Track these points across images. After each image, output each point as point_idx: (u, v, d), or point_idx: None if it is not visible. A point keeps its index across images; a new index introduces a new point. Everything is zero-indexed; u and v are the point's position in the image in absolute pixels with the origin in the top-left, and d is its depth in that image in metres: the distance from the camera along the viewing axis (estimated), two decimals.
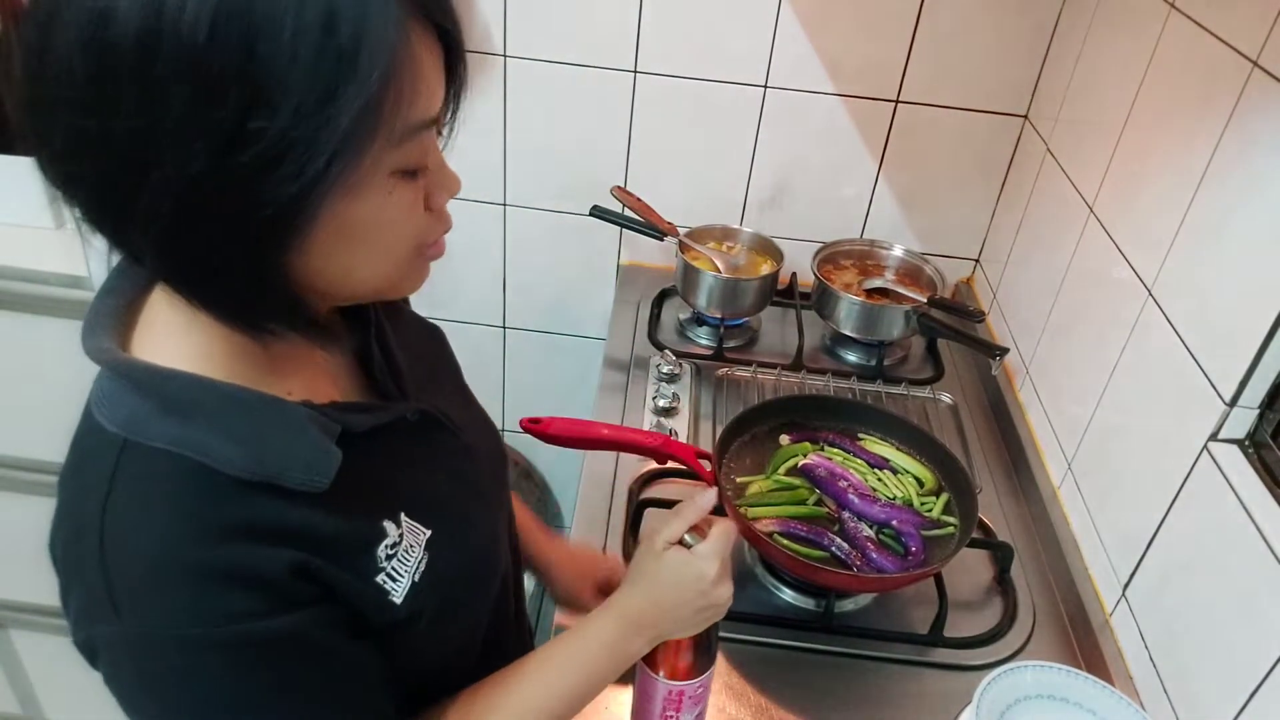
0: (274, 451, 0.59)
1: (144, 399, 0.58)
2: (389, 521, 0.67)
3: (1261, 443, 0.91)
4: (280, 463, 0.59)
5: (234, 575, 0.57)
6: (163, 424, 0.58)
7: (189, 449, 0.57)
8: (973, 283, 1.73)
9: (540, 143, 1.63)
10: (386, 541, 0.66)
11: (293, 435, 0.61)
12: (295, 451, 0.60)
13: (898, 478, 1.16)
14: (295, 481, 0.59)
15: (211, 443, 0.58)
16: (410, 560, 0.68)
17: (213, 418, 0.59)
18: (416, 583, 0.68)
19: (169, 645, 0.56)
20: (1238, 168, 0.95)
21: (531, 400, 1.93)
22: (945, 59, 1.50)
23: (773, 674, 1.03)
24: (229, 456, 0.58)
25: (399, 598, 0.66)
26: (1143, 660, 1.01)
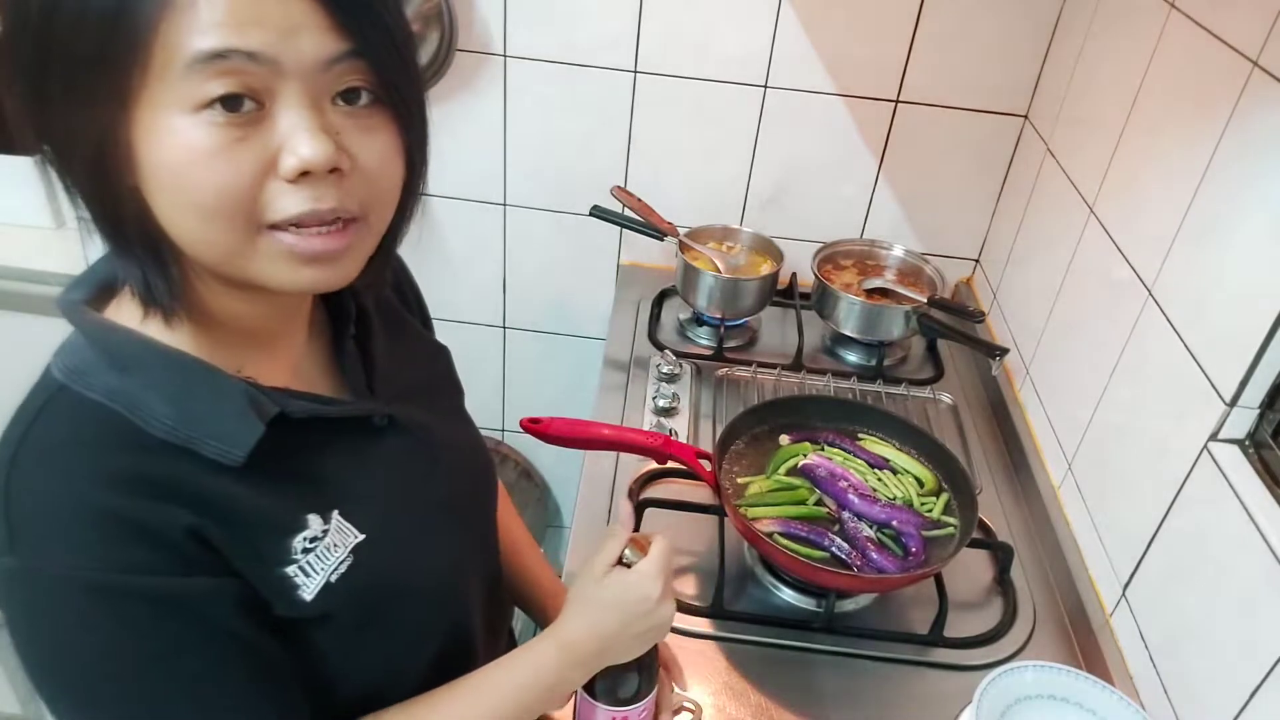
0: (198, 417, 0.60)
1: (92, 349, 0.61)
2: (315, 515, 0.66)
3: (1261, 443, 0.91)
4: (201, 428, 0.60)
5: (132, 525, 0.57)
6: (102, 376, 0.59)
7: (119, 402, 0.59)
8: (973, 283, 1.73)
9: (540, 143, 1.63)
10: (305, 533, 0.65)
11: (221, 404, 0.61)
12: (219, 420, 0.61)
13: (898, 478, 1.16)
14: (211, 450, 0.60)
15: (142, 399, 0.59)
16: (329, 559, 0.66)
17: (148, 375, 0.60)
18: (331, 583, 0.66)
19: (59, 584, 0.56)
20: (1238, 168, 0.95)
21: (531, 400, 1.93)
22: (945, 59, 1.50)
23: (773, 674, 1.03)
24: (155, 415, 0.59)
25: (308, 594, 0.64)
26: (1143, 660, 1.01)
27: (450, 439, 0.81)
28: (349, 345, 0.75)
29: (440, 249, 1.76)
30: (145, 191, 0.56)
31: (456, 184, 1.69)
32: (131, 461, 0.58)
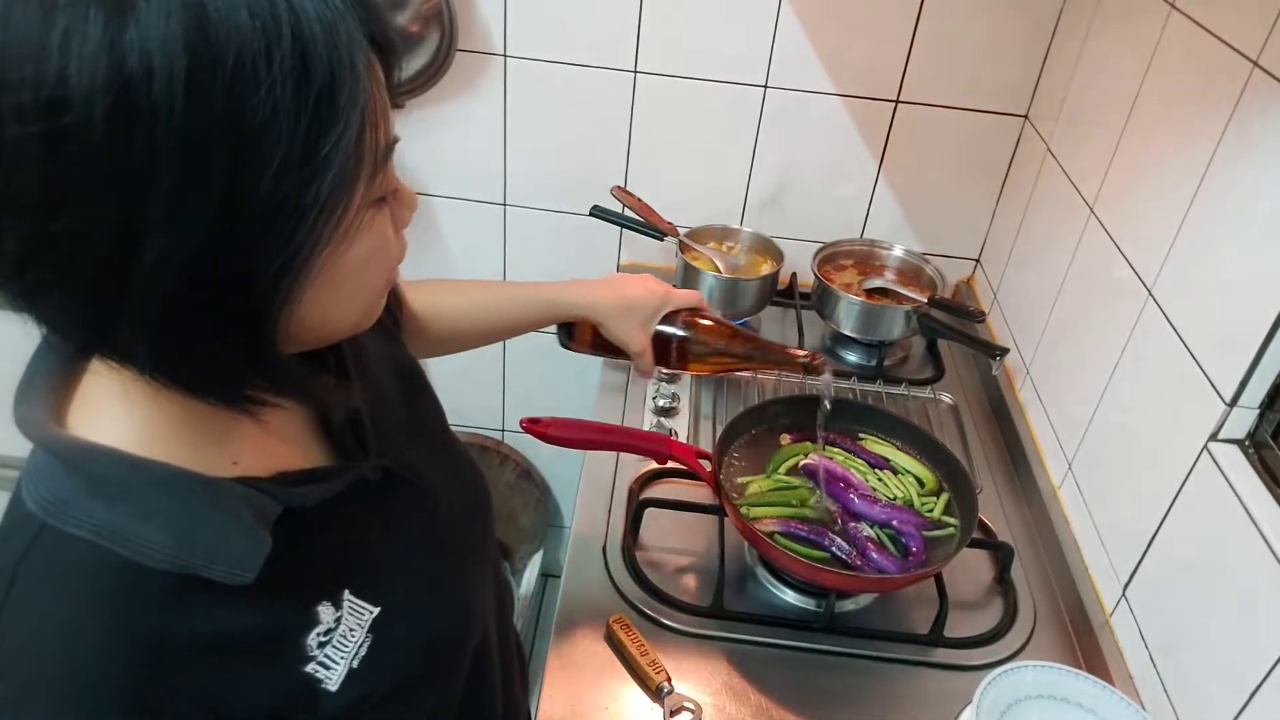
0: (199, 540, 0.54)
1: (70, 476, 0.53)
2: (326, 604, 0.62)
3: (1261, 443, 0.91)
4: (204, 552, 0.53)
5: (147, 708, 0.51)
6: (86, 506, 0.52)
7: (109, 538, 0.51)
8: (973, 283, 1.73)
9: (540, 143, 1.63)
10: (318, 629, 0.61)
11: (223, 520, 0.55)
12: (224, 541, 0.54)
13: (898, 478, 1.16)
14: (219, 574, 0.53)
15: (134, 530, 0.52)
16: (348, 645, 0.62)
17: (140, 502, 0.53)
18: (355, 669, 0.62)
19: None
20: (1238, 168, 0.95)
21: (531, 400, 1.93)
22: (945, 59, 1.50)
23: (773, 674, 1.03)
24: (151, 545, 0.52)
25: (333, 685, 0.60)
26: (1143, 660, 1.01)
27: (443, 471, 0.77)
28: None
29: (440, 249, 1.76)
30: (308, 299, 0.51)
31: (456, 184, 1.69)
32: (136, 617, 0.52)
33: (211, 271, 0.46)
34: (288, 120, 0.45)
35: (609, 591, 1.10)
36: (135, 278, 0.45)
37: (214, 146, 0.44)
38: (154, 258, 0.45)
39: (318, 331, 0.56)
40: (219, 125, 0.43)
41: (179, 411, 0.55)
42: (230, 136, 0.44)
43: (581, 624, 1.06)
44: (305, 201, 0.47)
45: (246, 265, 0.47)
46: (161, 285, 0.46)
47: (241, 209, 0.45)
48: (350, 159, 0.48)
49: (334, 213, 0.48)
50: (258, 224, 0.46)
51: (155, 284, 0.46)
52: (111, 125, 0.42)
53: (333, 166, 0.47)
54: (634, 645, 1.01)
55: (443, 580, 0.73)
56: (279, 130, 0.45)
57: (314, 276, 0.50)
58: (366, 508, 0.67)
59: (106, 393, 0.55)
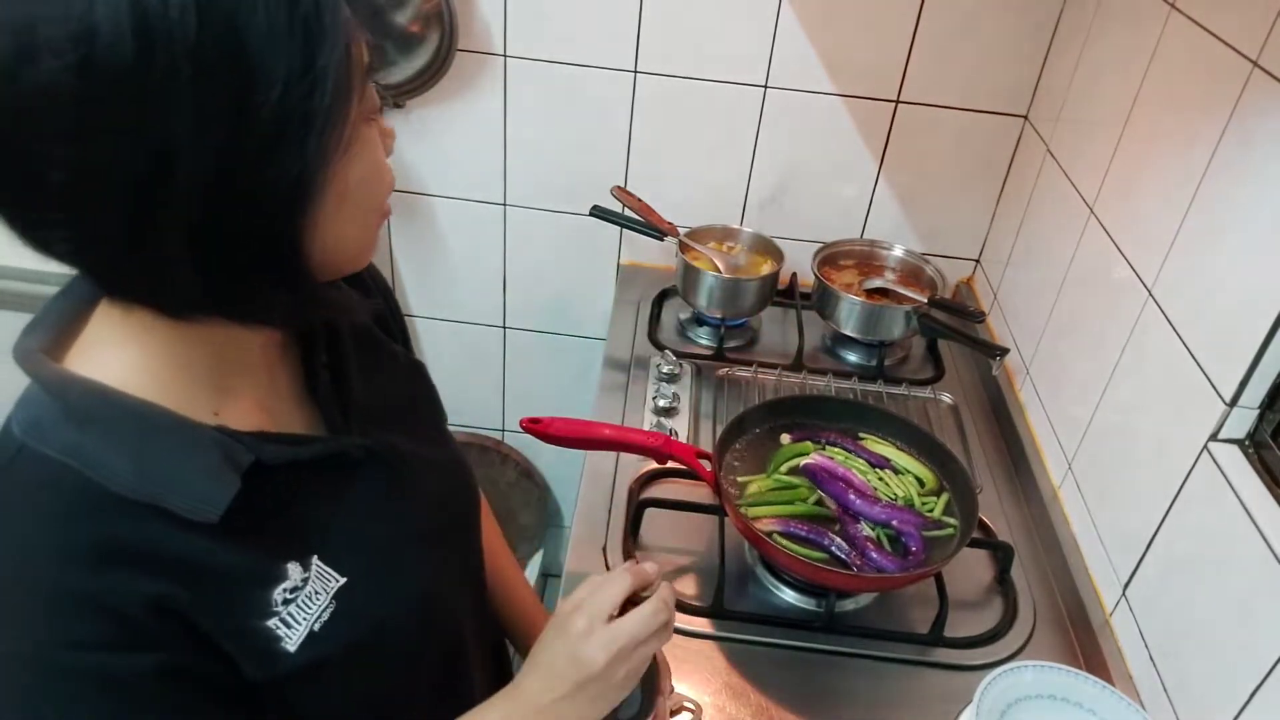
0: (165, 473, 0.57)
1: (51, 402, 0.57)
2: (295, 563, 0.63)
3: (1261, 443, 0.91)
4: (169, 485, 0.56)
5: (90, 600, 0.54)
6: (61, 431, 0.56)
7: (78, 459, 0.55)
8: (973, 283, 1.73)
9: (540, 143, 1.63)
10: (285, 584, 0.62)
11: (191, 458, 0.58)
12: (188, 476, 0.57)
13: (899, 477, 1.16)
14: (181, 508, 0.56)
15: (102, 455, 0.55)
16: (312, 607, 0.64)
17: (109, 429, 0.57)
18: (315, 632, 0.63)
19: (16, 663, 0.54)
20: (1238, 168, 0.95)
21: (531, 400, 1.94)
22: (945, 59, 1.50)
23: (773, 674, 1.03)
24: (116, 471, 0.55)
25: (292, 645, 0.62)
26: (1143, 660, 1.01)
27: (429, 462, 0.78)
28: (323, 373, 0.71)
29: (440, 249, 1.76)
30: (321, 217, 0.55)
31: (456, 184, 1.69)
32: (92, 529, 0.55)
33: (235, 188, 0.51)
34: (285, 38, 0.49)
35: None
36: (169, 199, 0.49)
37: (224, 64, 0.48)
38: (184, 177, 0.49)
39: (328, 255, 0.59)
40: (227, 44, 0.48)
41: (172, 359, 0.60)
42: (238, 54, 0.48)
43: None
44: (310, 109, 0.51)
45: (265, 179, 0.51)
46: (191, 205, 0.50)
47: (255, 122, 0.50)
48: (343, 71, 0.52)
49: (336, 123, 0.53)
50: (271, 136, 0.50)
51: (186, 203, 0.50)
52: (135, 49, 0.46)
53: (329, 78, 0.51)
54: None
55: (407, 564, 0.74)
56: (278, 47, 0.49)
57: (323, 190, 0.54)
58: (347, 482, 0.69)
59: (107, 336, 0.60)
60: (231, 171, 0.50)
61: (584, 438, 1.11)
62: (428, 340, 1.89)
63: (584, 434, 1.11)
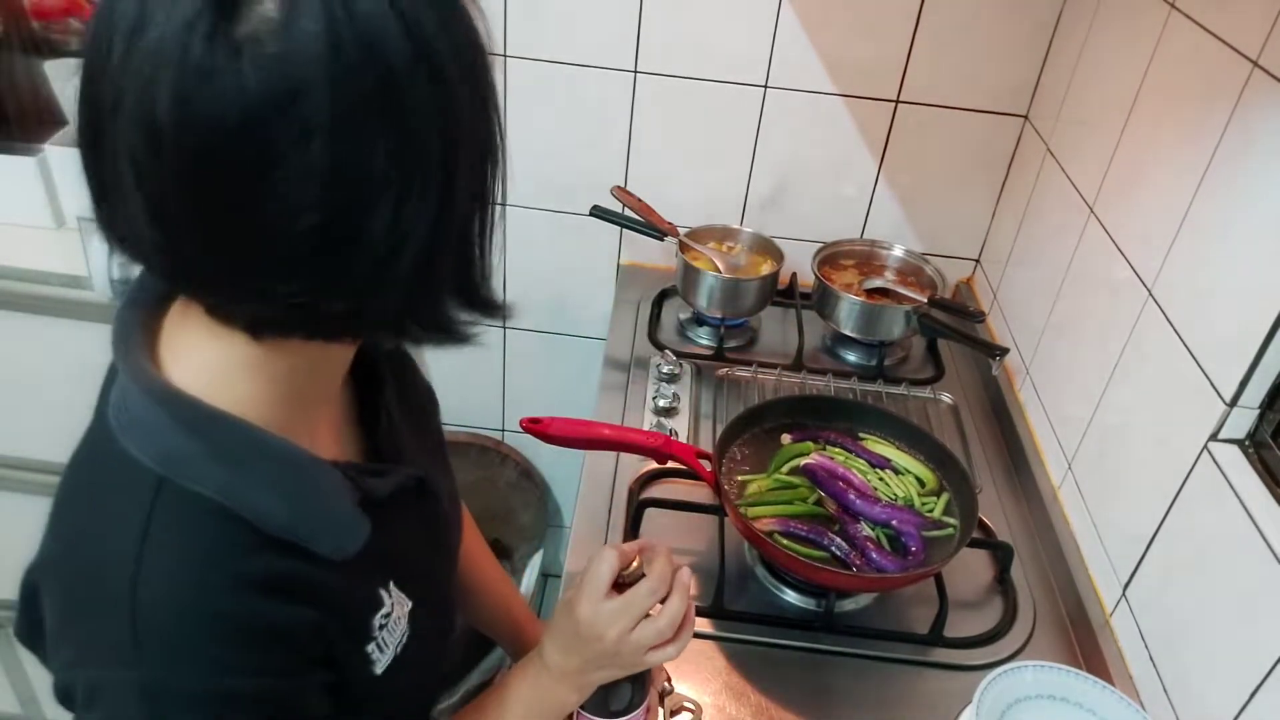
0: (313, 515, 0.59)
1: (190, 438, 0.56)
2: (383, 590, 0.66)
3: (1261, 443, 0.91)
4: (317, 527, 0.59)
5: (263, 630, 0.56)
6: (209, 469, 0.56)
7: (232, 500, 0.56)
8: (973, 283, 1.73)
9: (540, 143, 1.63)
10: (382, 610, 0.65)
11: (330, 501, 0.61)
12: (331, 518, 0.60)
13: (899, 477, 1.16)
14: (326, 549, 0.59)
15: (255, 497, 0.57)
16: (396, 631, 0.67)
17: (259, 471, 0.57)
18: (399, 655, 0.66)
19: (187, 697, 0.55)
20: (1238, 168, 0.95)
21: (531, 400, 1.93)
22: (945, 59, 1.50)
23: (773, 674, 1.03)
24: (271, 513, 0.57)
25: (380, 668, 0.65)
26: (1143, 660, 1.01)
27: (444, 482, 0.82)
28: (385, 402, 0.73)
29: None
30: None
31: None
32: (249, 563, 0.56)
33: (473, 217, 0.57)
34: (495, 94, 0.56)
35: None
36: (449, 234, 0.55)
37: (486, 83, 0.55)
38: (463, 211, 0.55)
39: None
40: (489, 93, 0.56)
41: (275, 391, 0.60)
42: (494, 103, 0.56)
43: None
44: (499, 154, 0.57)
45: (486, 212, 0.58)
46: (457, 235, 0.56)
47: (498, 156, 0.57)
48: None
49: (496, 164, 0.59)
50: (497, 171, 0.57)
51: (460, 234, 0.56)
52: (468, 91, 0.53)
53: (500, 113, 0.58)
54: None
55: (445, 580, 0.79)
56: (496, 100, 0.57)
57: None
58: (407, 510, 0.71)
59: (203, 358, 0.59)
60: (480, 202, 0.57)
61: (584, 438, 1.11)
62: None
63: (584, 434, 1.11)
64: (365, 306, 0.55)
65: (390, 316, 0.57)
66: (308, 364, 0.61)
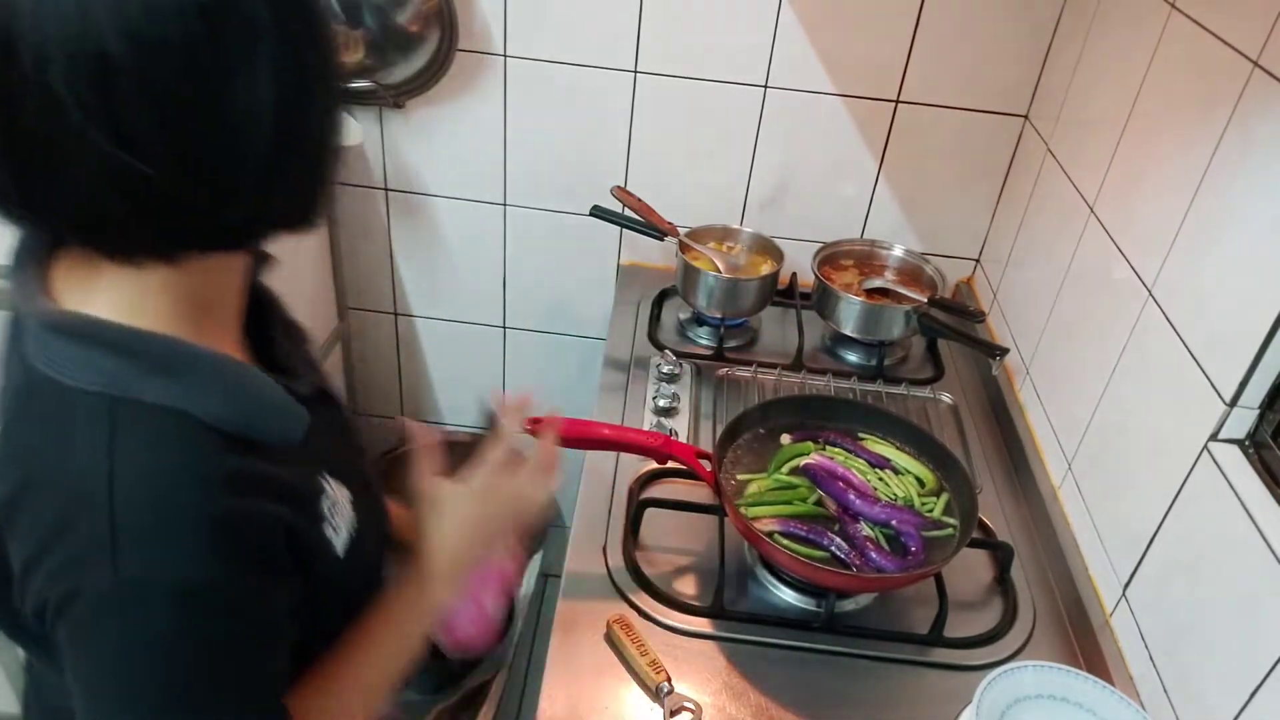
0: (257, 409, 0.65)
1: (121, 359, 0.60)
2: (322, 479, 0.71)
3: (1261, 443, 0.91)
4: (264, 419, 0.65)
5: (234, 524, 0.60)
6: (151, 383, 0.60)
7: (187, 404, 0.60)
8: (973, 283, 1.73)
9: (540, 143, 1.63)
10: (325, 495, 0.70)
11: (268, 394, 0.67)
12: (274, 409, 0.66)
13: (899, 477, 1.16)
14: (274, 437, 0.65)
15: (199, 399, 0.61)
16: (345, 515, 0.72)
17: (196, 376, 0.62)
18: (354, 539, 0.72)
19: (166, 589, 0.58)
20: (1238, 168, 0.95)
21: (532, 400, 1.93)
22: (945, 59, 1.50)
23: (773, 674, 1.03)
24: (220, 413, 0.61)
25: (340, 549, 0.70)
26: (1143, 660, 1.01)
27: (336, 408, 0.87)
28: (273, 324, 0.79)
29: (440, 249, 1.76)
30: None
31: (456, 184, 1.69)
32: (215, 461, 0.60)
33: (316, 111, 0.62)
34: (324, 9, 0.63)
35: (609, 591, 1.10)
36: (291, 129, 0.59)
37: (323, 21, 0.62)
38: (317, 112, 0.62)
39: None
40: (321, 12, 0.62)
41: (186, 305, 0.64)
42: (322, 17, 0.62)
43: (581, 624, 1.06)
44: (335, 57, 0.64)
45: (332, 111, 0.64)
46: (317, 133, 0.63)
47: (332, 59, 0.63)
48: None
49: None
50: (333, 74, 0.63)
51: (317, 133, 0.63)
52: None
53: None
54: (634, 645, 1.01)
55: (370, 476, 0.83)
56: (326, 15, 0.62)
57: None
58: (318, 413, 0.75)
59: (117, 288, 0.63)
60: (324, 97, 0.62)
61: (584, 438, 1.11)
62: (428, 340, 1.89)
63: (584, 434, 1.11)
64: (267, 205, 0.62)
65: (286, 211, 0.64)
66: (213, 279, 0.66)
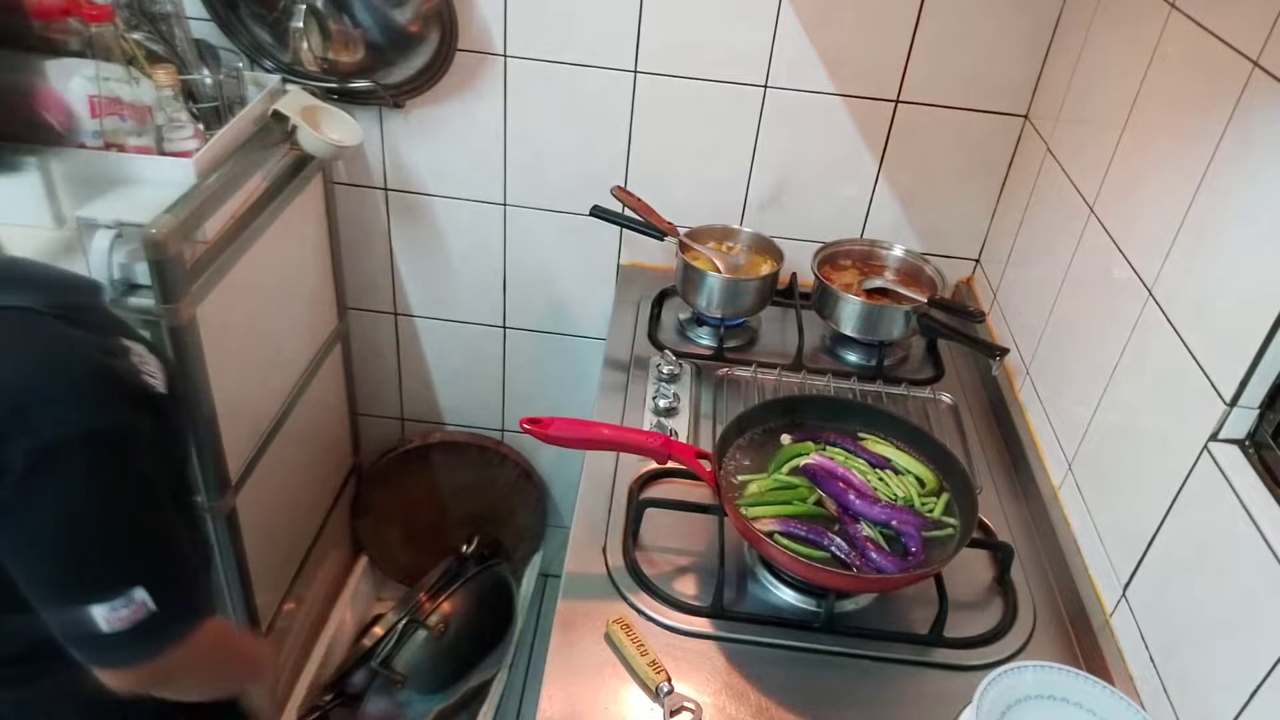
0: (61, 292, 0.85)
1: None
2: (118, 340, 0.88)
3: (1261, 443, 0.91)
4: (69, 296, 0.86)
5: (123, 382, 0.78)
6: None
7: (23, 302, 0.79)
8: (973, 283, 1.73)
9: (540, 143, 1.63)
10: (131, 353, 0.86)
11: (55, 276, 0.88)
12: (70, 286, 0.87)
13: (899, 478, 1.16)
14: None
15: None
16: (150, 362, 0.87)
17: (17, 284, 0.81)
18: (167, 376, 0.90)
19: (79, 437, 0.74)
20: (1238, 167, 0.95)
21: (531, 400, 1.93)
22: (945, 59, 1.50)
23: (773, 674, 1.03)
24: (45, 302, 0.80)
25: (162, 389, 0.86)
26: (1143, 660, 1.01)
27: None
28: None
29: (440, 249, 1.76)
30: None
31: (456, 184, 1.69)
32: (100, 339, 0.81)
33: None
34: None
35: (609, 591, 1.10)
36: None
37: None
38: None
39: None
40: None
41: None
42: None
43: (581, 624, 1.06)
44: None
45: None
46: None
47: None
48: None
49: None
50: None
51: None
52: None
53: None
54: (634, 645, 1.01)
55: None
56: None
57: None
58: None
59: None
60: None
61: (584, 438, 1.11)
62: (428, 340, 1.89)
63: (584, 434, 1.11)
64: None
65: None
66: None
